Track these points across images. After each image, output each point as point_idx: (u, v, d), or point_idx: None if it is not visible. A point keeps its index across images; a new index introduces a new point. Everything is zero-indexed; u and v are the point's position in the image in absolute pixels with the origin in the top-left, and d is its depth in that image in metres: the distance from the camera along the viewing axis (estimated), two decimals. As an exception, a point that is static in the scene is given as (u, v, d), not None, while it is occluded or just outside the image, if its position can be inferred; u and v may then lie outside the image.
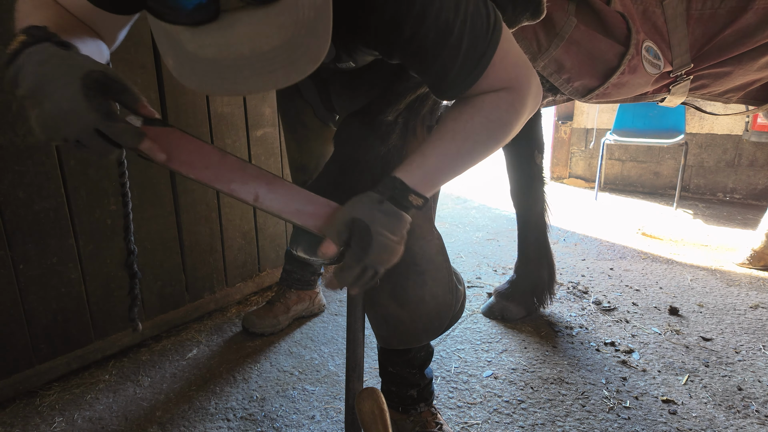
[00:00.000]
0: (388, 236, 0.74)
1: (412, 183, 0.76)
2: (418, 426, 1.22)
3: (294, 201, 0.76)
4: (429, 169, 0.78)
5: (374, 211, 0.74)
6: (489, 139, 0.79)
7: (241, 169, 0.72)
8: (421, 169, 0.78)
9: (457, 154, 0.78)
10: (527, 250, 1.84)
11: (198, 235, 1.82)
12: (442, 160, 0.78)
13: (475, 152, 0.80)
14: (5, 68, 0.59)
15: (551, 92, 1.23)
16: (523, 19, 0.99)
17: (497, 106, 0.78)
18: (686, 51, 1.23)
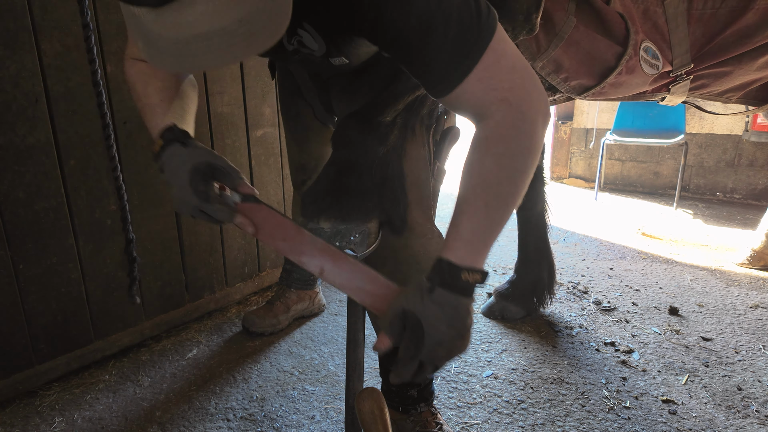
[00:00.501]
0: (443, 329, 0.68)
1: (460, 259, 0.68)
2: (418, 426, 1.22)
3: (356, 278, 0.78)
4: (470, 238, 0.70)
5: (426, 301, 0.68)
6: (512, 174, 0.70)
7: (311, 243, 0.80)
8: (461, 242, 0.70)
9: (487, 209, 0.69)
10: (527, 250, 1.84)
11: (198, 235, 1.82)
12: (477, 222, 0.70)
13: (505, 194, 0.71)
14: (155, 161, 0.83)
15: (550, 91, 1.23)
16: (521, 35, 1.00)
17: (500, 137, 0.70)
18: (686, 51, 1.23)
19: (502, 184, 0.70)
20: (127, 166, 1.56)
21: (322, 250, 0.79)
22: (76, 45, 1.37)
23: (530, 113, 0.69)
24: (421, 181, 0.99)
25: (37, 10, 1.29)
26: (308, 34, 0.81)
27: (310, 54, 0.85)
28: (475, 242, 0.70)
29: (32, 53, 1.30)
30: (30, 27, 1.28)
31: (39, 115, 1.34)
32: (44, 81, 1.33)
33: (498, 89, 0.69)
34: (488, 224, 0.70)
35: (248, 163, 1.95)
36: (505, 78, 0.69)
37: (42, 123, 1.35)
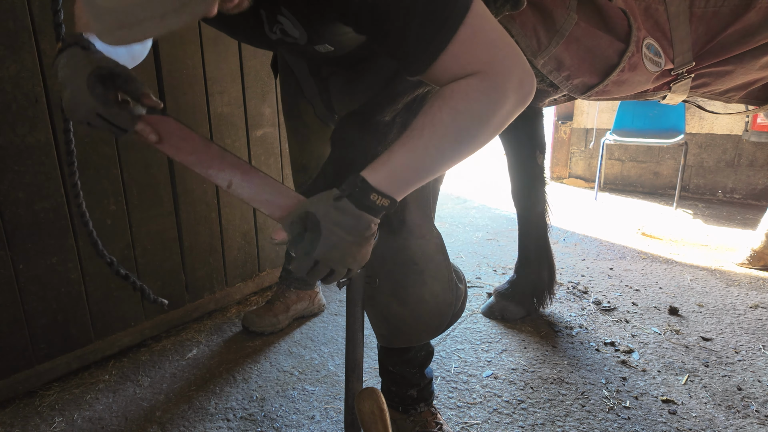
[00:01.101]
0: (340, 234, 0.71)
1: (376, 182, 0.71)
2: (418, 426, 1.22)
3: (265, 191, 0.79)
4: (395, 167, 0.72)
5: (329, 207, 0.72)
6: (462, 132, 0.70)
7: (220, 157, 0.79)
8: (386, 167, 0.72)
9: (425, 150, 0.71)
10: (527, 250, 1.83)
11: (198, 235, 1.82)
12: (410, 157, 0.71)
13: (446, 148, 0.72)
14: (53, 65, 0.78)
15: (552, 88, 1.23)
16: (505, 9, 0.99)
17: (466, 95, 0.69)
18: (688, 49, 1.22)
19: (447, 137, 0.70)
20: (126, 166, 1.56)
21: (232, 164, 0.79)
22: (75, 45, 1.37)
23: (503, 87, 0.69)
24: None
25: (37, 10, 1.29)
26: (288, 21, 0.81)
27: (295, 42, 0.85)
28: (399, 174, 0.72)
29: (32, 53, 1.30)
30: (30, 27, 1.28)
31: (39, 115, 1.34)
32: (44, 81, 1.33)
33: (474, 63, 0.69)
34: (418, 165, 0.72)
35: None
36: (484, 53, 0.69)
37: (42, 123, 1.35)
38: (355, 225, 0.72)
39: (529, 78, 0.72)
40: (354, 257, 0.74)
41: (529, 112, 1.69)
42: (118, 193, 1.55)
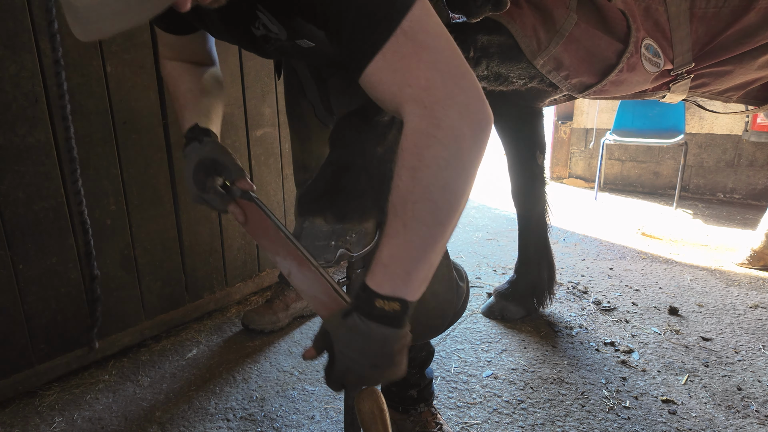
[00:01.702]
0: (353, 357, 0.65)
1: (376, 285, 0.64)
2: (418, 426, 1.22)
3: (314, 287, 0.81)
4: (388, 263, 0.64)
5: (340, 326, 0.67)
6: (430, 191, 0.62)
7: (284, 246, 0.85)
8: (380, 266, 0.65)
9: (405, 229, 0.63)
10: (527, 250, 1.83)
11: (198, 235, 1.82)
12: (394, 244, 0.64)
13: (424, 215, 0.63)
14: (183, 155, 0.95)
15: (552, 88, 1.23)
16: (486, 10, 0.98)
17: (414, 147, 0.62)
18: (688, 50, 1.23)
19: (419, 203, 0.62)
20: (127, 166, 1.56)
21: (292, 254, 0.83)
22: (75, 45, 1.37)
23: (447, 120, 0.61)
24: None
25: (37, 10, 1.29)
26: (265, 18, 0.81)
27: (278, 38, 0.85)
28: (394, 267, 0.64)
29: (32, 53, 1.30)
30: (30, 27, 1.28)
31: (39, 115, 1.34)
32: (44, 81, 1.33)
33: (412, 86, 0.62)
34: (408, 248, 0.63)
35: (248, 163, 1.95)
36: (423, 75, 0.62)
37: (42, 123, 1.35)
38: (368, 343, 0.65)
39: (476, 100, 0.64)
40: (376, 379, 0.68)
41: (528, 112, 1.69)
42: (118, 193, 1.55)
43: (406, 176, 0.62)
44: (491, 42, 1.07)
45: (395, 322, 0.65)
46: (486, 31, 1.06)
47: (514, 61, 1.11)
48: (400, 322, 0.65)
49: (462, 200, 0.65)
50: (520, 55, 1.09)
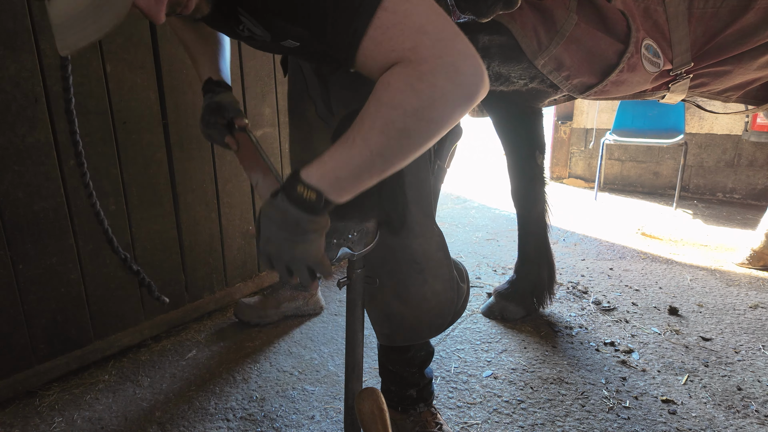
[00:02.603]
0: (272, 229, 0.73)
1: (306, 174, 0.70)
2: (417, 426, 1.22)
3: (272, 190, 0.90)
4: (325, 160, 0.70)
5: (267, 203, 0.75)
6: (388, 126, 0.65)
7: (258, 162, 1.06)
8: (319, 161, 0.70)
9: (353, 143, 0.67)
10: (527, 250, 1.84)
11: (198, 235, 1.82)
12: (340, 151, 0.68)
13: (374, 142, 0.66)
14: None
15: (552, 88, 1.23)
16: (497, 9, 0.98)
17: (388, 85, 0.64)
18: (687, 50, 1.23)
19: (373, 131, 0.66)
20: (126, 166, 1.56)
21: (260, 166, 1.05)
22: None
23: (431, 78, 0.62)
24: (420, 180, 0.99)
25: (37, 10, 1.29)
26: (248, 21, 0.82)
27: (263, 40, 0.87)
28: (328, 165, 0.69)
29: (32, 53, 1.30)
30: (30, 27, 1.28)
31: (39, 115, 1.34)
32: (44, 81, 1.33)
33: (397, 50, 0.64)
34: (347, 158, 0.68)
35: (248, 163, 1.95)
36: (408, 39, 0.63)
37: (42, 123, 1.35)
38: (284, 219, 0.72)
39: (469, 63, 0.64)
40: (291, 253, 0.74)
41: (528, 112, 1.69)
42: (118, 193, 1.55)
43: (373, 105, 0.66)
44: (492, 42, 1.08)
45: (309, 208, 0.70)
46: (487, 31, 1.06)
47: (515, 62, 1.12)
48: (314, 210, 0.70)
49: (416, 149, 0.68)
50: (520, 56, 1.09)
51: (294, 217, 0.71)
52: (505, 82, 1.18)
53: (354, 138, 0.67)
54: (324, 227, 0.75)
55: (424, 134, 0.67)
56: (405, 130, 0.65)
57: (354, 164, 0.68)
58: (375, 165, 0.68)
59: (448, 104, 0.64)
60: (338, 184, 0.70)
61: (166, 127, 1.65)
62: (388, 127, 0.65)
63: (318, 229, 0.74)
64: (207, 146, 1.79)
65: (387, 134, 0.65)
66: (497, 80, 1.17)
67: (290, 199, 0.71)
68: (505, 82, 1.18)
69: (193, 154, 1.75)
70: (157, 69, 1.59)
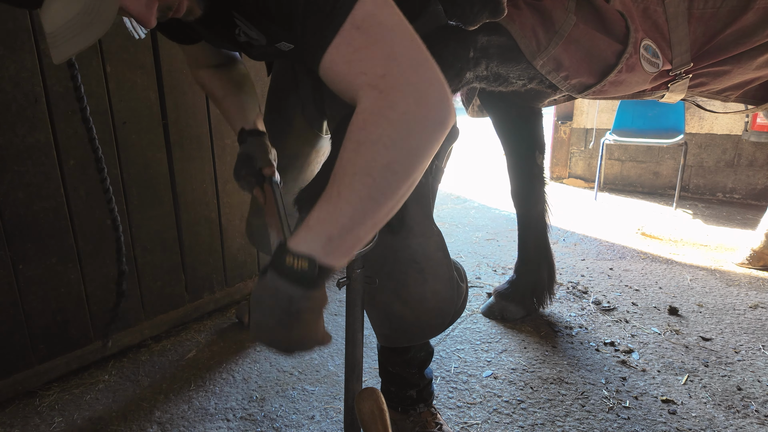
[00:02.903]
0: (261, 313, 0.64)
1: (294, 243, 0.62)
2: (417, 426, 1.22)
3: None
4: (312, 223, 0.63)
5: (258, 282, 0.66)
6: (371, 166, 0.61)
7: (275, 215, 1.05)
8: (305, 226, 0.63)
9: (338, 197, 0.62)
10: (527, 250, 1.84)
11: (198, 236, 1.82)
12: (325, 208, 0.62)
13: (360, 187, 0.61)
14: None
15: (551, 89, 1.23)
16: (483, 17, 0.98)
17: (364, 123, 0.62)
18: (687, 50, 1.23)
19: (357, 176, 0.61)
20: (126, 166, 1.56)
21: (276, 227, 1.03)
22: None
23: (403, 105, 0.60)
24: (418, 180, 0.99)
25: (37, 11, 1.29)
26: (243, 24, 0.82)
27: (259, 44, 0.86)
28: (317, 230, 0.62)
29: (32, 53, 1.30)
30: (30, 27, 1.28)
31: (39, 115, 1.34)
32: (44, 81, 1.33)
33: (368, 74, 0.62)
34: (336, 215, 0.62)
35: (248, 164, 1.95)
36: (379, 64, 0.62)
37: (42, 123, 1.35)
38: (274, 299, 0.63)
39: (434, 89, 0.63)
40: (287, 339, 0.65)
41: (528, 112, 1.69)
42: (118, 193, 1.55)
43: (350, 148, 0.62)
44: (491, 43, 1.08)
45: (303, 281, 0.62)
46: (486, 32, 1.06)
47: (514, 62, 1.12)
48: (308, 282, 0.62)
49: (403, 184, 0.63)
50: (519, 56, 1.09)
51: (285, 294, 0.62)
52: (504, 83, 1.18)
53: (338, 190, 0.62)
54: (322, 304, 0.67)
55: (408, 166, 0.63)
56: (389, 165, 0.61)
57: (345, 218, 0.61)
58: (367, 213, 0.62)
59: (424, 130, 0.62)
60: (331, 246, 0.62)
61: (166, 127, 1.65)
62: (371, 166, 0.61)
63: (314, 307, 0.65)
64: (207, 146, 1.79)
65: (372, 174, 0.61)
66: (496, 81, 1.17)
67: (279, 273, 0.62)
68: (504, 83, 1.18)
69: (193, 154, 1.75)
70: (157, 69, 1.59)
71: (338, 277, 0.90)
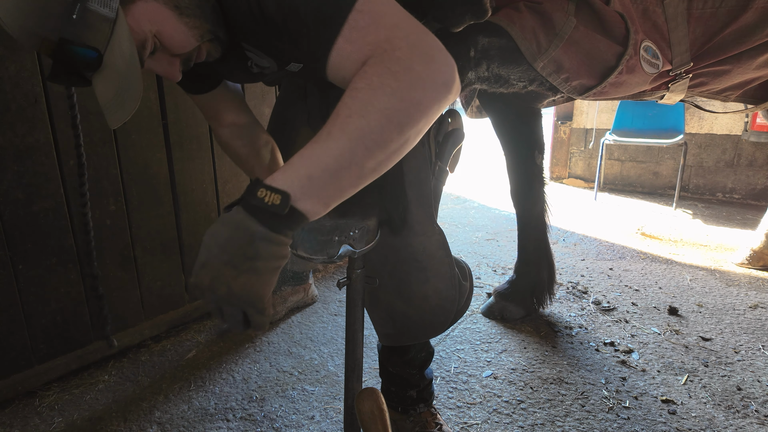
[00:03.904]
0: (212, 251, 0.58)
1: (271, 179, 0.59)
2: (417, 426, 1.22)
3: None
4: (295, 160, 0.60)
5: (218, 218, 0.61)
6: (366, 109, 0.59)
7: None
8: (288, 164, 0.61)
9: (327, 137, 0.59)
10: (527, 251, 1.84)
11: (198, 235, 1.82)
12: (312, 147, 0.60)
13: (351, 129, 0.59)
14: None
15: (551, 91, 1.23)
16: (466, 19, 0.99)
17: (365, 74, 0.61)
18: (686, 50, 1.23)
19: (352, 117, 0.59)
20: (126, 166, 1.56)
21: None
22: (75, 45, 1.37)
23: (407, 60, 0.60)
24: (420, 180, 1.00)
25: (37, 11, 1.29)
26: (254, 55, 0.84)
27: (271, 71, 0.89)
28: (298, 167, 0.59)
29: (32, 53, 1.30)
30: (29, 27, 1.28)
31: (38, 115, 1.34)
32: (44, 81, 1.33)
33: (372, 43, 0.62)
34: (321, 154, 0.58)
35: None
36: (383, 33, 0.62)
37: (42, 123, 1.35)
38: (232, 236, 0.58)
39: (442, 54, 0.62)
40: (228, 286, 0.58)
41: (527, 113, 1.69)
42: (118, 193, 1.55)
43: (348, 95, 0.61)
44: (492, 44, 1.08)
45: (269, 218, 0.57)
46: (486, 34, 1.06)
47: (515, 64, 1.12)
48: (276, 221, 0.57)
49: (396, 136, 0.60)
50: (520, 58, 1.10)
51: (247, 230, 0.57)
52: (505, 84, 1.18)
53: (329, 130, 0.59)
54: (281, 260, 0.61)
55: (406, 117, 0.60)
56: (386, 111, 0.59)
57: (330, 158, 0.58)
58: (354, 156, 0.59)
59: (427, 88, 0.61)
60: (309, 186, 0.58)
61: (166, 127, 1.65)
62: (367, 109, 0.58)
63: (274, 257, 0.59)
64: (207, 146, 1.79)
65: (366, 117, 0.58)
66: (497, 82, 1.17)
67: (246, 207, 0.58)
68: (505, 84, 1.18)
69: (193, 154, 1.75)
70: (157, 69, 1.59)
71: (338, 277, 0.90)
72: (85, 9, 0.63)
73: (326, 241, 0.81)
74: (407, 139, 0.62)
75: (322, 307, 2.01)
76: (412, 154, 0.98)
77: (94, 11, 0.64)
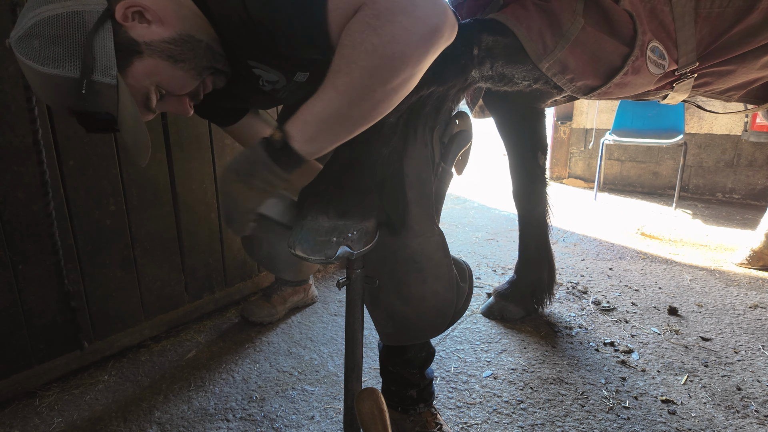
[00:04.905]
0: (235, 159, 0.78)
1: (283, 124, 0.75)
2: (417, 426, 1.22)
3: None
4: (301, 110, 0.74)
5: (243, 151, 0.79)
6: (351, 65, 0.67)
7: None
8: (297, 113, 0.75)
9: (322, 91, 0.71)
10: (528, 251, 1.84)
11: (197, 236, 1.82)
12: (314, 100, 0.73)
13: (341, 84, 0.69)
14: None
15: (556, 90, 1.23)
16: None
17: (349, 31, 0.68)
18: (693, 50, 1.22)
19: (339, 73, 0.69)
20: (126, 166, 1.56)
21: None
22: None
23: (387, 13, 0.65)
24: (421, 180, 0.99)
25: (37, 10, 1.28)
26: (262, 70, 0.89)
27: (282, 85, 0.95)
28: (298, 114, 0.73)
29: (31, 53, 1.30)
30: (29, 27, 1.28)
31: (38, 116, 1.34)
32: (43, 81, 1.33)
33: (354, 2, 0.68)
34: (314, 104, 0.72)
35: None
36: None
37: (41, 123, 1.35)
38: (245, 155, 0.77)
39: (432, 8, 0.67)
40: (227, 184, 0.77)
41: (530, 113, 1.69)
42: (117, 193, 1.55)
43: (338, 52, 0.69)
44: (497, 43, 1.07)
45: (272, 150, 0.75)
46: (491, 32, 1.06)
47: (519, 63, 1.11)
48: (274, 151, 0.74)
49: (380, 87, 0.69)
50: (525, 58, 1.09)
51: (255, 154, 0.75)
52: (509, 83, 1.18)
53: (324, 84, 0.70)
54: (271, 185, 0.77)
55: (388, 72, 0.67)
56: (367, 68, 0.66)
57: (318, 106, 0.71)
58: (340, 106, 0.70)
59: (410, 39, 0.65)
60: (303, 128, 0.73)
61: (166, 127, 1.65)
62: (350, 67, 0.67)
63: (266, 180, 0.76)
64: (207, 146, 1.79)
65: (350, 73, 0.67)
66: (501, 81, 1.17)
67: (262, 140, 0.76)
68: (509, 83, 1.18)
69: (192, 154, 1.75)
70: (157, 69, 1.59)
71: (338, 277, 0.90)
72: (92, 83, 0.73)
73: (324, 242, 0.81)
74: (395, 87, 0.70)
75: (322, 307, 2.01)
76: (414, 155, 0.98)
77: (99, 82, 0.74)
